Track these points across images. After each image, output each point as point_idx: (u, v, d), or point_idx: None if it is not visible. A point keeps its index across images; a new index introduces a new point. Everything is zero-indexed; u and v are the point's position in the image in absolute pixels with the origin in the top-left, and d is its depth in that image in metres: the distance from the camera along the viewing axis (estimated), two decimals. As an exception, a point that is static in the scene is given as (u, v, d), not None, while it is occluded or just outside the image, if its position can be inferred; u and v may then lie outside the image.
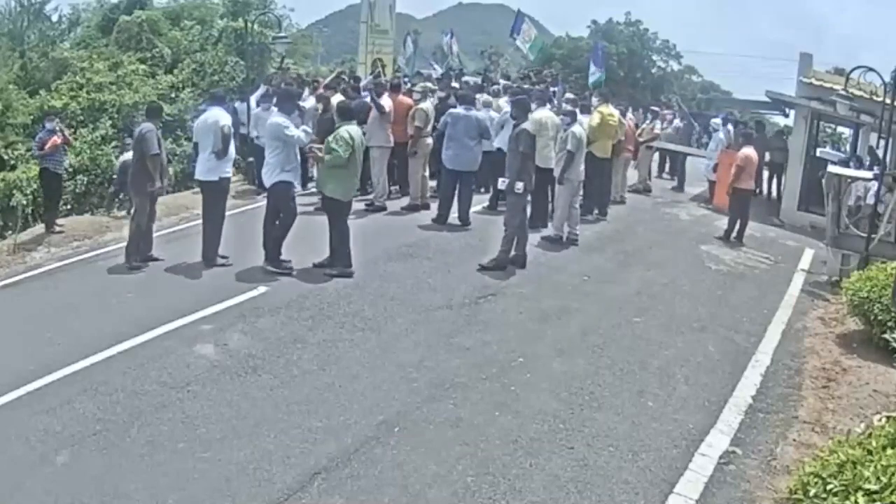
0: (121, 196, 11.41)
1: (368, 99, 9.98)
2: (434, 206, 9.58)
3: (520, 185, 7.57)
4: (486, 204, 10.17)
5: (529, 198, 8.06)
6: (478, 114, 9.54)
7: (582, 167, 8.94)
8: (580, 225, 9.16)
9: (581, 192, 9.39)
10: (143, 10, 19.48)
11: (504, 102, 10.82)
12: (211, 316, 6.16)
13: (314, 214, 8.35)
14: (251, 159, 11.29)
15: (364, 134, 8.14)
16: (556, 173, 8.88)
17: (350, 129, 7.08)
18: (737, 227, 10.22)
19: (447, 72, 16.84)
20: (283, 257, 7.25)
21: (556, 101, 12.25)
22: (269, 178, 7.23)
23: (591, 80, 16.98)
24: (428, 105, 10.10)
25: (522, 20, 19.15)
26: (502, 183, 7.84)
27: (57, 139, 9.95)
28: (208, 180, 7.46)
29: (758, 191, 12.54)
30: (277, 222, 7.27)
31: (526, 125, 7.70)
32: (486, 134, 9.40)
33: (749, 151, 10.29)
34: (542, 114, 9.39)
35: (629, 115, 14.25)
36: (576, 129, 8.79)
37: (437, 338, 5.92)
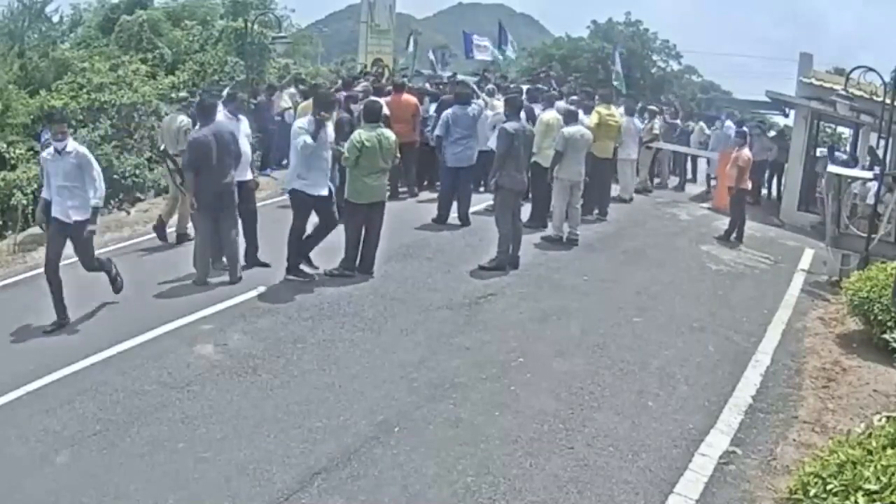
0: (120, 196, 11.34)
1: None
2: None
3: (491, 184, 7.83)
4: (486, 204, 10.18)
5: (530, 198, 8.06)
6: (473, 110, 9.57)
7: (580, 168, 8.92)
8: (580, 225, 9.16)
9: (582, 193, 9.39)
10: (145, 9, 19.53)
11: (498, 102, 10.86)
12: (211, 316, 6.16)
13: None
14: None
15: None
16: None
17: (363, 133, 6.99)
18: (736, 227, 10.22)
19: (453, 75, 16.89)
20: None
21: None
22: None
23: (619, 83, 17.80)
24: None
25: (470, 40, 19.45)
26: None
27: None
28: None
29: (753, 198, 12.51)
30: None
31: (507, 125, 7.73)
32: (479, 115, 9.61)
33: (748, 152, 10.30)
34: (549, 115, 9.49)
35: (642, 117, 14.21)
36: (566, 129, 8.76)
37: (437, 338, 5.92)
